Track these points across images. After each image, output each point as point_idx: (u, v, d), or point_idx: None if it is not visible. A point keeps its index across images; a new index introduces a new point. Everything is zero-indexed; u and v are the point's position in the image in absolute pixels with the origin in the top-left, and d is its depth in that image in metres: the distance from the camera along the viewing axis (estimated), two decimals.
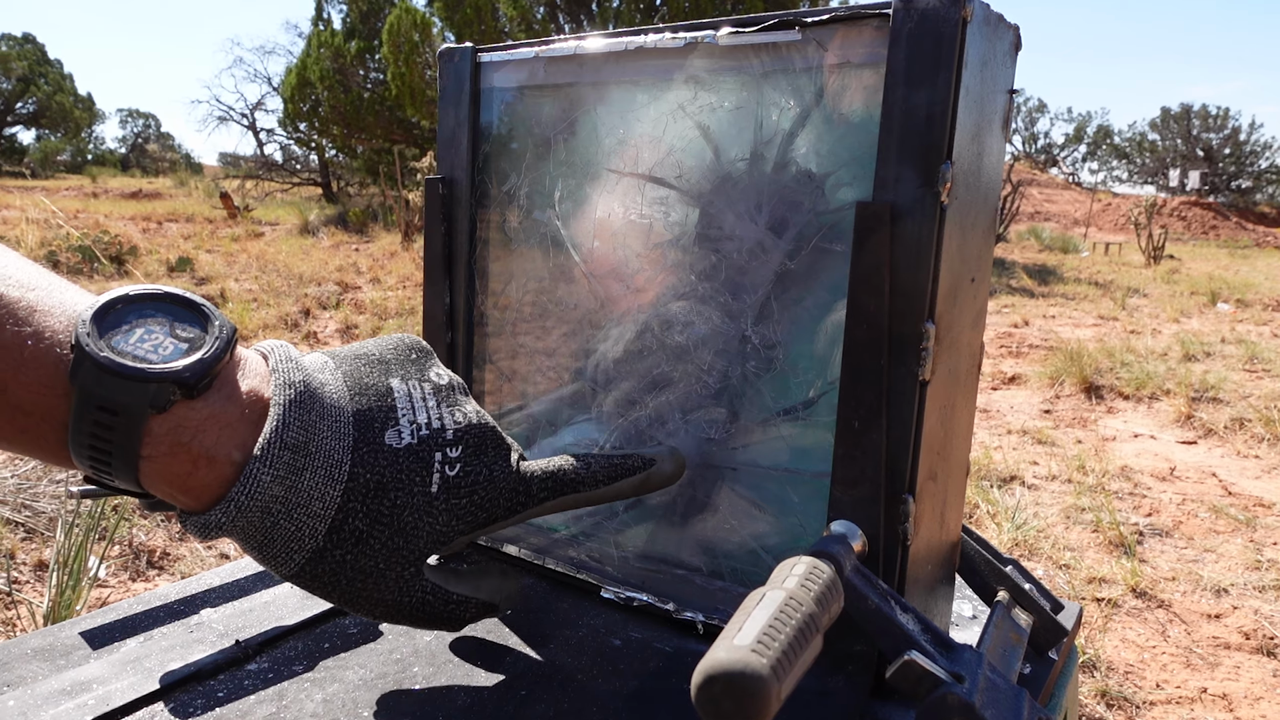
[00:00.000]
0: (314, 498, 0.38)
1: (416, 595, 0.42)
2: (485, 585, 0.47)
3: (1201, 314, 6.87)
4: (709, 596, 0.56)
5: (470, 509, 0.42)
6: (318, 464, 0.38)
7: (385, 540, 0.40)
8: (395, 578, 0.41)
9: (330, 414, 0.39)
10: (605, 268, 0.59)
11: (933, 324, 0.46)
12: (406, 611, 0.43)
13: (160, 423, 0.35)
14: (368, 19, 13.50)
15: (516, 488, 0.44)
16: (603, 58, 0.58)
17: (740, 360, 0.54)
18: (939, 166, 0.45)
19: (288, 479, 0.37)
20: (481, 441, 0.44)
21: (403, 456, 0.41)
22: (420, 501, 0.41)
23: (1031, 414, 3.68)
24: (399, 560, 0.41)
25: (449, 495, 0.42)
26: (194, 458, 0.36)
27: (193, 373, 0.36)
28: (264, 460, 0.37)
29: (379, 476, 0.40)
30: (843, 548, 0.44)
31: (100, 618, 0.55)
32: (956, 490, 0.54)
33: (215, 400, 0.37)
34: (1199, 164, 35.23)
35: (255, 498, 0.37)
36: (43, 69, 32.14)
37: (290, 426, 0.37)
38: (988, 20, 0.47)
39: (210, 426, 0.36)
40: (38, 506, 2.14)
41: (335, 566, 0.40)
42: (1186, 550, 2.32)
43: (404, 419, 0.41)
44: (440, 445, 0.42)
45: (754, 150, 0.53)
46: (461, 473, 0.42)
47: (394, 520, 0.40)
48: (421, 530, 0.41)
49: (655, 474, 0.49)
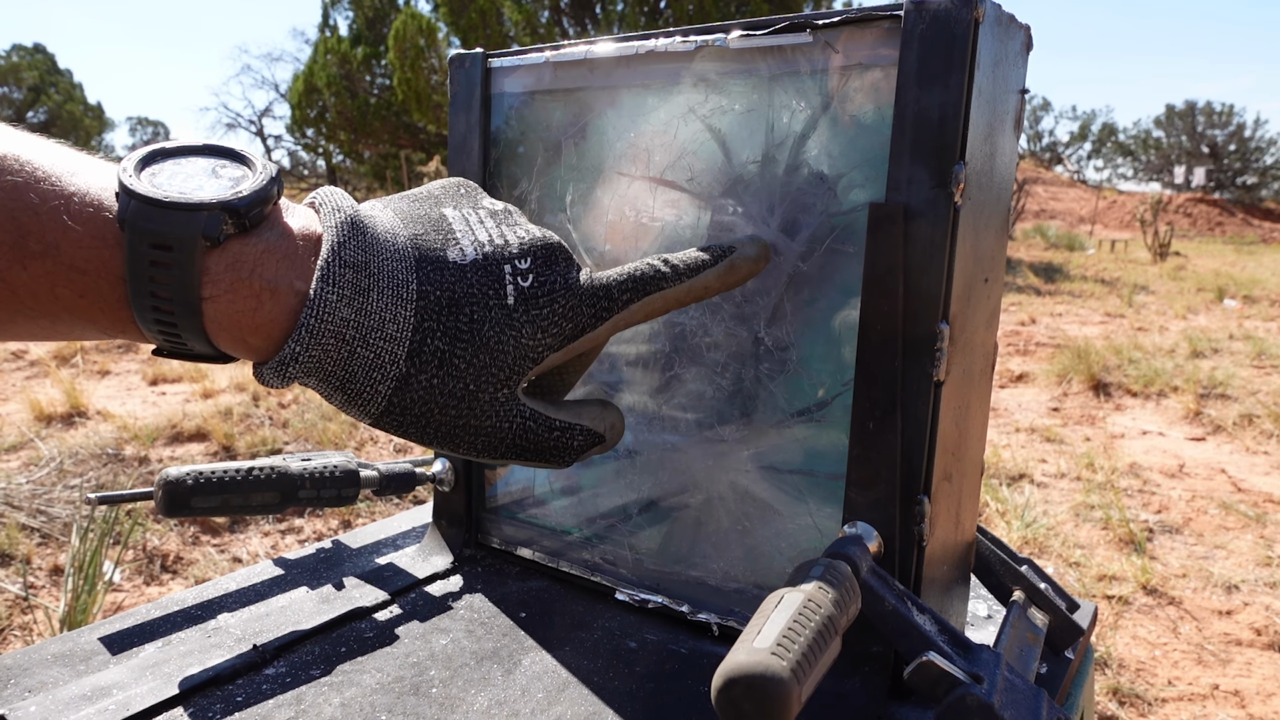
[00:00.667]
0: (386, 319, 0.37)
1: (516, 421, 0.40)
2: (587, 413, 0.44)
3: (1209, 310, 6.84)
4: (724, 598, 0.56)
5: (553, 319, 0.40)
6: (383, 284, 0.37)
7: (470, 358, 0.38)
8: (489, 400, 0.39)
9: (386, 238, 0.38)
10: None
11: (947, 325, 0.46)
12: (509, 441, 0.40)
13: (217, 259, 0.34)
14: (374, 25, 13.54)
15: (597, 292, 0.41)
16: (613, 62, 0.58)
17: (753, 362, 0.54)
18: (952, 167, 0.45)
19: (355, 300, 0.36)
20: (550, 253, 0.41)
21: (470, 271, 0.39)
22: (498, 315, 0.38)
23: (1040, 412, 3.67)
24: (489, 380, 0.39)
25: (527, 306, 0.39)
26: (256, 292, 0.35)
27: (243, 201, 0.35)
28: (327, 279, 0.35)
29: (449, 292, 0.38)
30: (859, 549, 0.45)
31: (119, 623, 0.56)
32: (971, 490, 0.54)
33: (269, 235, 0.36)
34: (1204, 160, 35.09)
35: (326, 320, 0.35)
36: (53, 78, 32.32)
37: (347, 245, 0.36)
38: (999, 20, 0.47)
39: (268, 259, 0.35)
40: (53, 512, 2.15)
41: (424, 394, 0.38)
42: (1197, 547, 2.31)
43: (464, 239, 0.40)
44: (508, 259, 0.40)
45: (765, 152, 0.53)
46: (535, 282, 0.40)
47: (474, 336, 0.38)
48: (506, 344, 0.39)
49: (739, 259, 0.45)
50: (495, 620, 0.57)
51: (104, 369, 3.95)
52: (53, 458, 2.53)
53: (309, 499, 0.60)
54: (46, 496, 2.23)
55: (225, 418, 3.01)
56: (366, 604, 0.58)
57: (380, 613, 0.58)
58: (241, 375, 3.64)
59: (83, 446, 2.64)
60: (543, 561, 0.65)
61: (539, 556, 0.65)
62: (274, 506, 0.58)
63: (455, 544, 0.68)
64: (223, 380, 3.65)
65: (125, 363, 4.11)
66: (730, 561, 0.56)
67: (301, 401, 3.29)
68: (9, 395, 3.42)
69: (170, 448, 2.78)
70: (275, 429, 2.96)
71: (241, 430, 2.92)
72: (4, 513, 2.09)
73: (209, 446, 2.80)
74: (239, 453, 2.76)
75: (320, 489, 0.60)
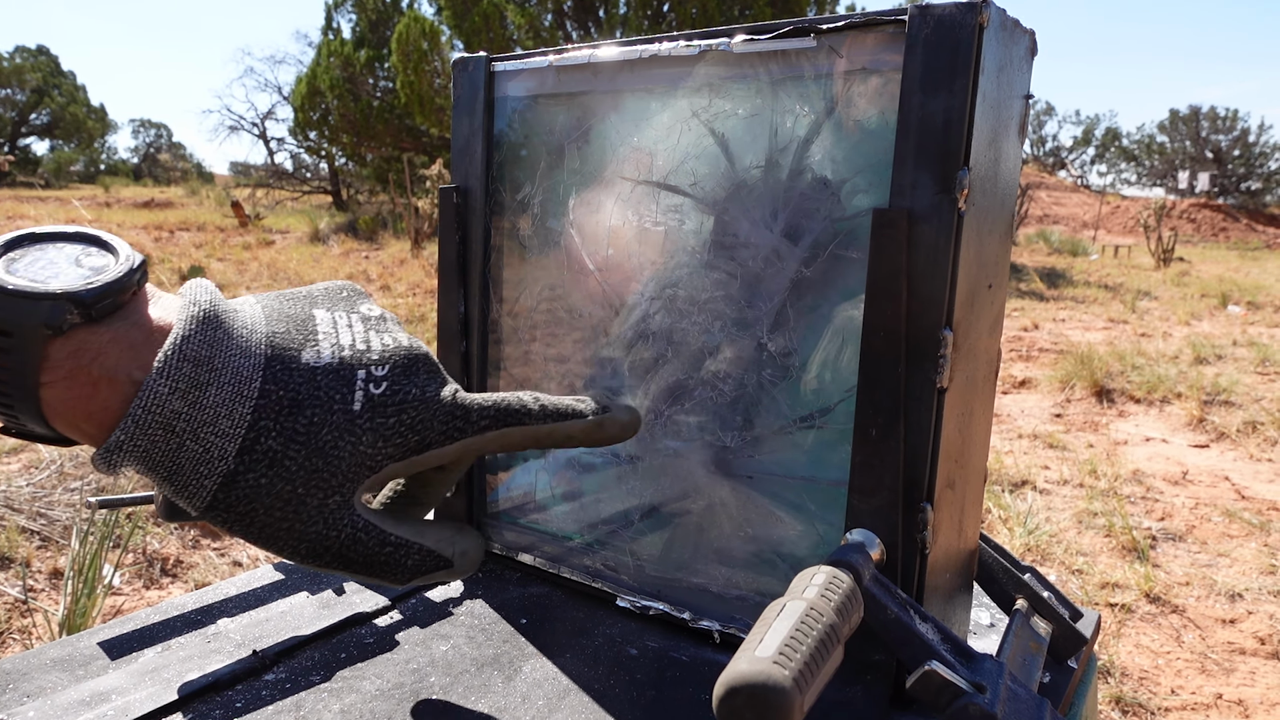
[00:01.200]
0: (221, 415, 0.36)
1: (346, 530, 0.39)
2: (433, 534, 0.42)
3: (1212, 316, 6.83)
4: (725, 605, 0.56)
5: (399, 429, 0.39)
6: (224, 379, 0.36)
7: (302, 461, 0.37)
8: (318, 505, 0.38)
9: (241, 334, 0.38)
10: (619, 276, 0.59)
11: (950, 331, 0.46)
12: (336, 550, 0.39)
13: (59, 347, 0.35)
14: (377, 28, 13.57)
15: (453, 411, 0.41)
16: (617, 66, 0.58)
17: (756, 368, 0.54)
18: (956, 173, 0.45)
19: (190, 394, 0.35)
20: (412, 363, 0.41)
21: (321, 374, 0.38)
22: (340, 420, 0.38)
23: (1042, 418, 3.67)
24: (320, 485, 0.38)
25: (374, 414, 0.39)
26: (94, 380, 0.35)
27: (90, 293, 0.35)
28: (163, 373, 0.35)
29: (294, 393, 0.37)
30: (861, 557, 0.44)
31: (118, 628, 0.55)
32: (974, 498, 0.54)
33: (119, 325, 0.36)
34: (1208, 166, 35.07)
35: (154, 412, 0.35)
36: (56, 80, 32.41)
37: (191, 339, 0.36)
38: (1004, 25, 0.47)
39: (112, 348, 0.35)
40: (53, 515, 2.15)
41: (250, 492, 0.37)
42: (1200, 555, 2.30)
43: (325, 341, 0.39)
44: (364, 364, 0.39)
45: (769, 157, 0.53)
46: (389, 390, 0.39)
47: (311, 439, 0.37)
48: (343, 450, 0.38)
49: (609, 420, 0.44)
50: (496, 626, 0.57)
51: None
52: (53, 460, 2.53)
53: None
54: (46, 499, 2.23)
55: None
56: (367, 609, 0.58)
57: (380, 618, 0.58)
58: None
59: (83, 449, 2.64)
60: (544, 567, 0.64)
61: (540, 562, 0.65)
62: None
63: None
64: None
65: None
66: (732, 568, 0.56)
67: None
68: None
69: None
70: None
71: None
72: (4, 515, 2.09)
73: None
74: None
75: None
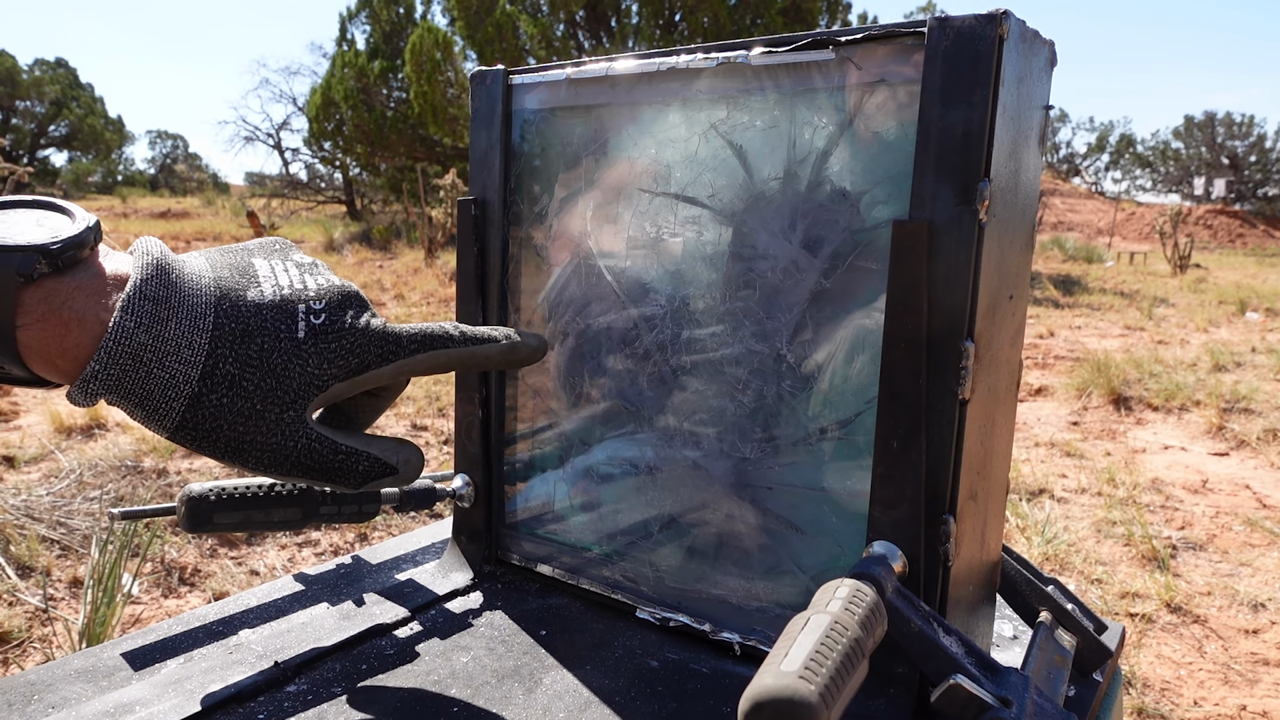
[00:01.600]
0: (182, 345, 0.41)
1: (300, 441, 0.44)
2: (379, 444, 0.48)
3: (1230, 323, 6.77)
4: (746, 617, 0.56)
5: (341, 353, 0.45)
6: (181, 315, 0.41)
7: (258, 381, 0.42)
8: (275, 419, 0.43)
9: (191, 278, 0.43)
10: (638, 287, 0.60)
11: (972, 342, 0.46)
12: (293, 459, 0.44)
13: (31, 294, 0.39)
14: (390, 39, 13.66)
15: (385, 337, 0.46)
16: (634, 78, 0.58)
17: (775, 379, 0.54)
18: (977, 184, 0.45)
19: (153, 328, 0.40)
20: (346, 298, 0.46)
21: (266, 309, 0.43)
22: (288, 345, 0.43)
23: (1059, 426, 3.64)
24: (275, 401, 0.43)
25: (317, 340, 0.44)
26: (65, 321, 0.39)
27: (56, 245, 0.39)
28: (127, 310, 0.40)
29: (244, 325, 0.43)
30: (884, 569, 0.44)
31: (141, 639, 0.56)
32: (996, 509, 0.53)
33: (82, 275, 0.40)
34: (1224, 172, 34.82)
35: (123, 344, 0.39)
36: (75, 92, 32.76)
37: (149, 282, 0.41)
38: (1024, 37, 0.47)
39: (78, 294, 0.40)
40: (73, 524, 2.16)
41: (214, 411, 0.42)
42: (1221, 564, 2.28)
43: (266, 283, 0.45)
44: (304, 300, 0.45)
45: (787, 169, 0.53)
46: (327, 320, 0.45)
47: (264, 363, 0.43)
48: (293, 371, 0.43)
49: (521, 345, 0.50)
50: (516, 638, 0.57)
51: None
52: (73, 470, 2.55)
53: (330, 514, 0.60)
54: (66, 508, 2.24)
55: None
56: (387, 620, 0.58)
57: (401, 630, 0.58)
58: None
59: (102, 458, 2.66)
60: (563, 578, 0.64)
61: (559, 573, 0.65)
62: (295, 522, 0.59)
63: (475, 560, 0.68)
64: None
65: None
66: (752, 580, 0.56)
67: None
68: (30, 407, 3.45)
69: (188, 460, 2.80)
70: None
71: None
72: (25, 525, 2.10)
73: None
74: None
75: (341, 504, 0.60)
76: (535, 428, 0.67)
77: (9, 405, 3.40)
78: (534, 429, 0.67)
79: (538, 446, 0.67)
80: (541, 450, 0.66)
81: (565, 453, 0.65)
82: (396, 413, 3.40)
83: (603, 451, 0.63)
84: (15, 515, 2.12)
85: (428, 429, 3.25)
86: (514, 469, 0.68)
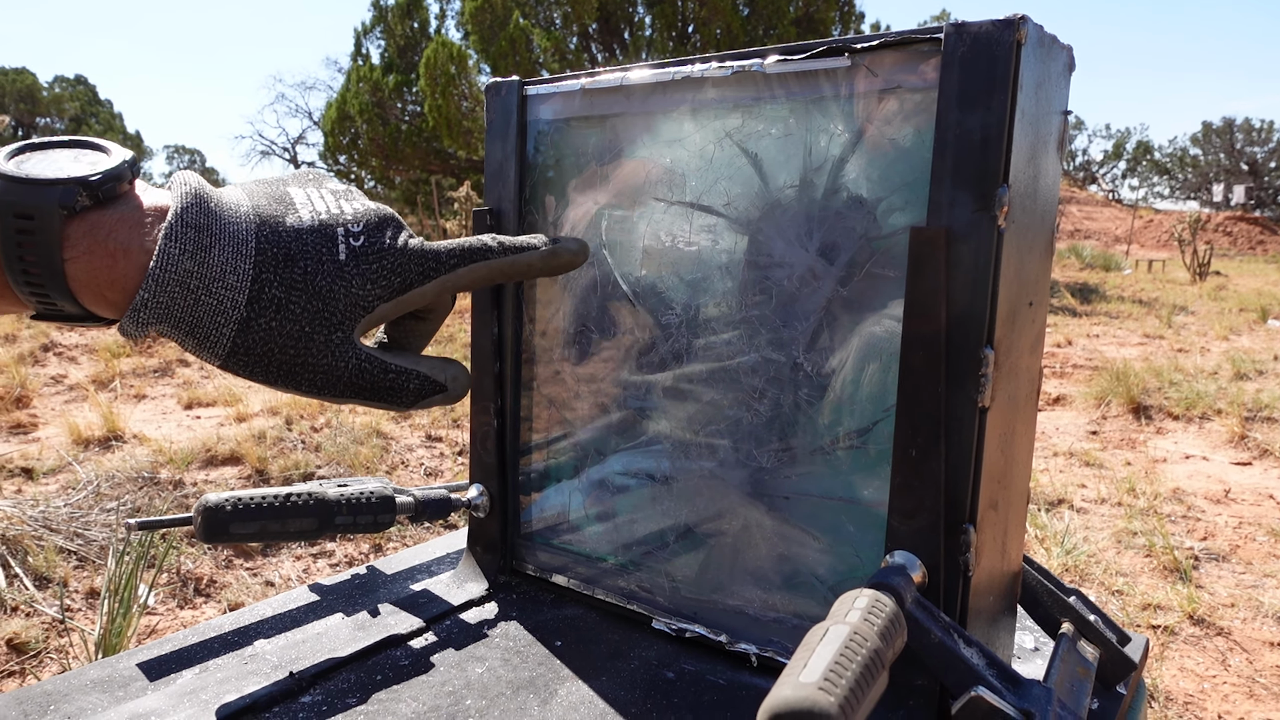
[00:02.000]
0: (227, 270, 0.41)
1: (351, 361, 0.44)
2: (427, 363, 0.48)
3: (1252, 331, 6.70)
4: (763, 628, 0.55)
5: (383, 273, 0.45)
6: (224, 241, 0.41)
7: (305, 304, 0.43)
8: (324, 341, 0.43)
9: (230, 206, 0.43)
10: (653, 295, 0.59)
11: (991, 349, 0.45)
12: (345, 379, 0.44)
13: (76, 226, 0.39)
14: (405, 53, 13.77)
15: (424, 254, 0.46)
16: (649, 88, 0.58)
17: (792, 388, 0.53)
18: (995, 190, 0.44)
19: (197, 254, 0.40)
20: (382, 220, 0.46)
21: (306, 234, 0.44)
22: (330, 268, 0.43)
23: (1078, 435, 3.61)
24: (323, 323, 0.43)
25: (358, 261, 0.44)
26: (111, 252, 0.40)
27: (96, 177, 0.40)
28: (171, 237, 0.40)
29: (286, 249, 0.43)
30: (903, 579, 0.43)
31: (156, 649, 0.56)
32: (1017, 519, 0.53)
33: (123, 208, 0.41)
34: (1243, 178, 34.53)
35: (170, 271, 0.40)
36: (94, 109, 33.18)
37: (190, 209, 0.41)
38: (1041, 42, 0.46)
39: (121, 226, 0.40)
40: (90, 535, 2.18)
41: (264, 335, 0.42)
42: (1245, 575, 2.25)
43: (304, 209, 0.45)
44: (341, 223, 0.45)
45: (803, 177, 0.52)
46: (366, 243, 0.45)
47: (309, 285, 0.43)
48: (338, 293, 0.43)
49: (562, 249, 0.50)
50: (531, 649, 0.57)
51: (140, 393, 4.02)
52: (90, 481, 2.56)
53: (345, 525, 0.60)
54: (84, 519, 2.26)
55: (259, 441, 3.04)
56: (402, 631, 0.58)
57: (416, 640, 0.58)
58: (274, 400, 3.68)
59: (119, 470, 2.68)
60: (578, 589, 0.64)
61: (574, 584, 0.64)
62: (311, 533, 0.58)
63: (490, 570, 0.67)
64: (256, 404, 3.70)
65: (161, 387, 4.17)
66: (769, 590, 0.55)
67: (334, 425, 3.32)
68: (49, 419, 3.48)
69: (204, 471, 2.81)
70: (308, 452, 2.98)
71: (275, 454, 2.94)
72: (43, 535, 2.12)
73: (242, 470, 2.83)
74: (272, 476, 2.78)
75: (357, 515, 0.60)
76: (550, 438, 0.66)
77: (28, 417, 3.44)
78: (549, 439, 0.66)
79: (553, 456, 0.66)
80: (557, 460, 0.66)
81: (580, 463, 0.65)
82: (411, 424, 3.41)
83: (618, 461, 0.63)
84: (33, 526, 2.14)
85: (442, 440, 3.26)
86: (529, 479, 0.68)
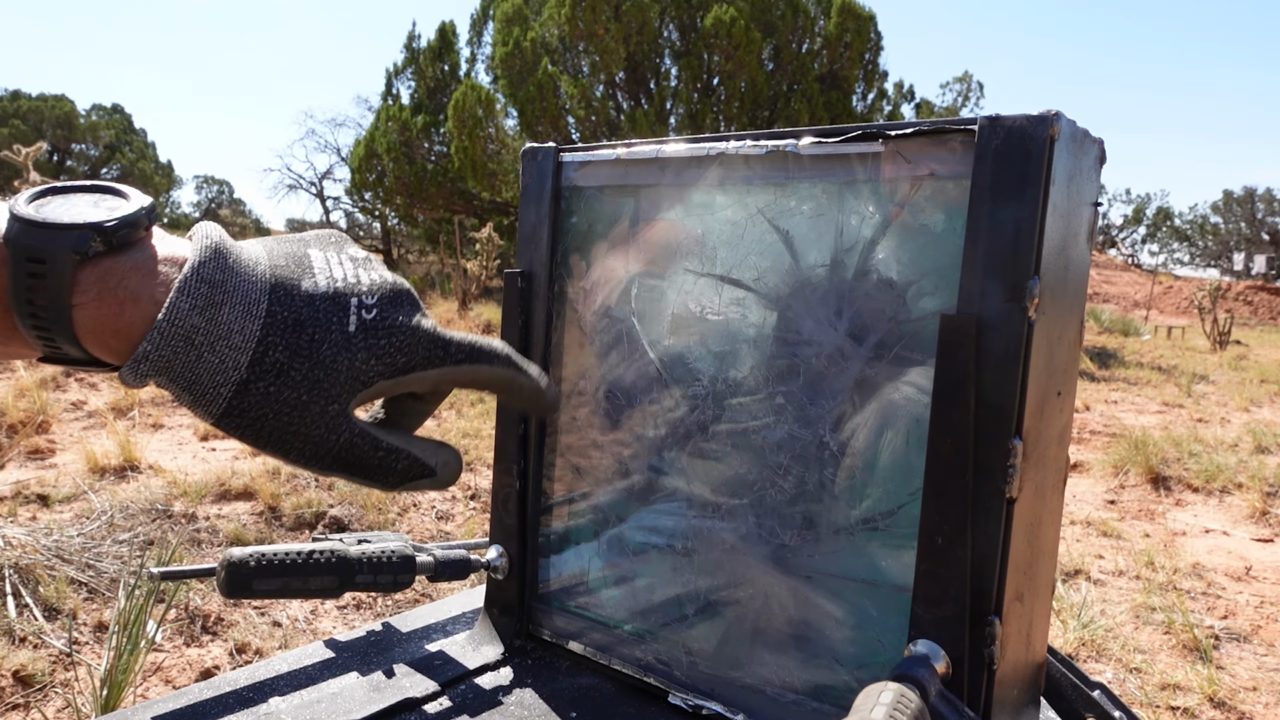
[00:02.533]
0: (234, 330, 0.41)
1: (344, 435, 0.44)
2: (419, 445, 0.47)
3: (1273, 403, 6.63)
4: (780, 709, 0.55)
5: (389, 350, 0.44)
6: (235, 300, 0.41)
7: (306, 371, 0.42)
8: (320, 411, 0.43)
9: (248, 264, 0.43)
10: (680, 365, 0.60)
11: (1020, 440, 0.45)
12: (335, 452, 0.44)
13: (87, 272, 0.39)
14: (434, 94, 14.04)
15: (435, 340, 0.46)
16: (683, 161, 0.59)
17: (818, 466, 0.53)
18: (1026, 282, 0.45)
19: (207, 311, 0.40)
20: (398, 295, 0.46)
21: (319, 300, 0.43)
22: (338, 338, 0.43)
23: (1095, 504, 3.56)
24: (321, 394, 0.43)
25: (366, 335, 0.44)
26: (120, 300, 0.39)
27: (111, 223, 0.40)
28: (183, 291, 0.39)
29: (296, 315, 0.42)
30: (927, 671, 0.43)
31: (172, 703, 0.56)
32: (1042, 609, 0.52)
33: (137, 255, 0.41)
34: (1265, 248, 34.44)
35: (176, 325, 0.39)
36: (128, 137, 33.91)
37: (207, 264, 0.41)
38: (1074, 137, 0.47)
39: (133, 274, 0.40)
40: (101, 566, 2.18)
41: (260, 399, 0.42)
42: (1267, 658, 2.20)
43: (320, 274, 0.44)
44: (356, 294, 0.44)
45: (834, 256, 0.53)
46: (378, 316, 0.44)
47: (313, 353, 0.42)
48: (340, 365, 0.43)
49: (549, 392, 0.50)
50: (545, 719, 0.56)
51: (158, 422, 4.05)
52: (104, 511, 2.57)
53: (365, 584, 0.60)
54: (96, 550, 2.26)
55: (273, 477, 3.04)
56: (417, 695, 0.58)
57: (430, 704, 0.57)
58: None
59: (133, 500, 2.69)
60: (594, 657, 0.63)
61: (589, 651, 0.64)
62: (332, 590, 0.58)
63: (506, 633, 0.67)
64: None
65: (179, 417, 4.20)
66: (787, 670, 0.55)
67: None
68: (67, 444, 3.51)
69: (217, 505, 2.82)
70: (321, 490, 2.98)
71: (288, 490, 2.95)
72: (55, 565, 2.12)
73: (255, 506, 2.83)
74: (284, 513, 2.78)
75: (377, 574, 0.60)
76: (571, 498, 0.67)
77: (46, 443, 3.46)
78: (570, 499, 0.67)
79: (573, 518, 0.66)
80: (577, 522, 0.66)
81: (600, 526, 0.65)
82: None
83: (638, 527, 0.63)
84: (46, 556, 2.14)
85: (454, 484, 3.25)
86: (548, 540, 0.68)
